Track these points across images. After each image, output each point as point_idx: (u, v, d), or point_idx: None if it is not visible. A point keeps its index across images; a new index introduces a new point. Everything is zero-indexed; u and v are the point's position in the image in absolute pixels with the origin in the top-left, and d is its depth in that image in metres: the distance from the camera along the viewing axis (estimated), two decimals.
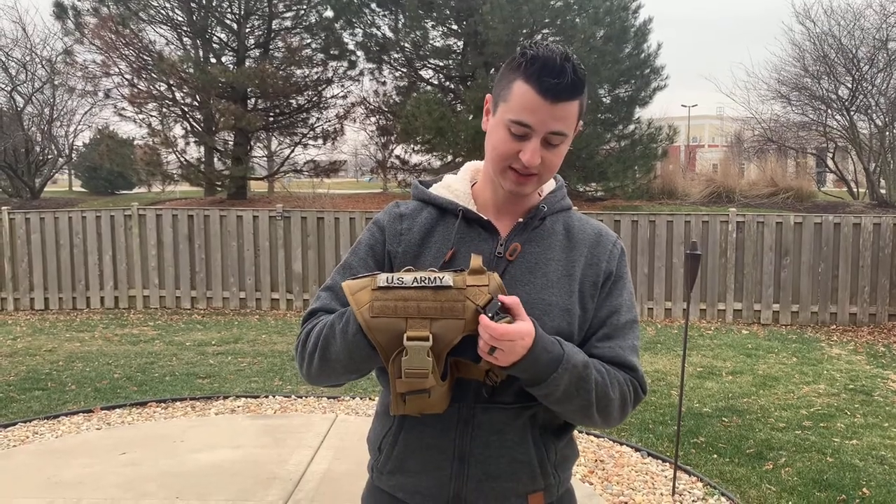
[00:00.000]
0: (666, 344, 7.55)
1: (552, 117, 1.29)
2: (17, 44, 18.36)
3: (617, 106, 15.47)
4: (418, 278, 1.22)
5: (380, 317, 1.21)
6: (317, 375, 1.38)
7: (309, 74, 16.37)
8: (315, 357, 1.34)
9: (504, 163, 1.35)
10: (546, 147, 1.33)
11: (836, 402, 5.59)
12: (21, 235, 9.48)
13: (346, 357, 1.30)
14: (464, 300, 1.21)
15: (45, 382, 5.97)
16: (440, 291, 1.21)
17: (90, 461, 4.18)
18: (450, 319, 1.21)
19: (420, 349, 1.20)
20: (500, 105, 1.35)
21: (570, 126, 1.33)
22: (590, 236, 1.45)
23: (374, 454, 1.49)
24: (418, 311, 1.21)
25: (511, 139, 1.32)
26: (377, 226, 1.47)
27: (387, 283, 1.22)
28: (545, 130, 1.30)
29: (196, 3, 15.89)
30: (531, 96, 1.29)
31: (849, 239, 8.73)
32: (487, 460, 1.36)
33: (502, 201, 1.43)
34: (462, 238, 1.40)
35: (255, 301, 9.60)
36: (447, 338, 1.21)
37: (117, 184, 25.40)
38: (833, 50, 16.03)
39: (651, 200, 15.33)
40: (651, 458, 4.39)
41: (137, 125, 15.97)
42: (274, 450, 4.37)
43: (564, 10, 14.05)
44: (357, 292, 1.24)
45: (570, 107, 1.31)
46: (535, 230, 1.42)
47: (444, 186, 1.48)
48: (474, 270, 1.23)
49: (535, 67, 1.28)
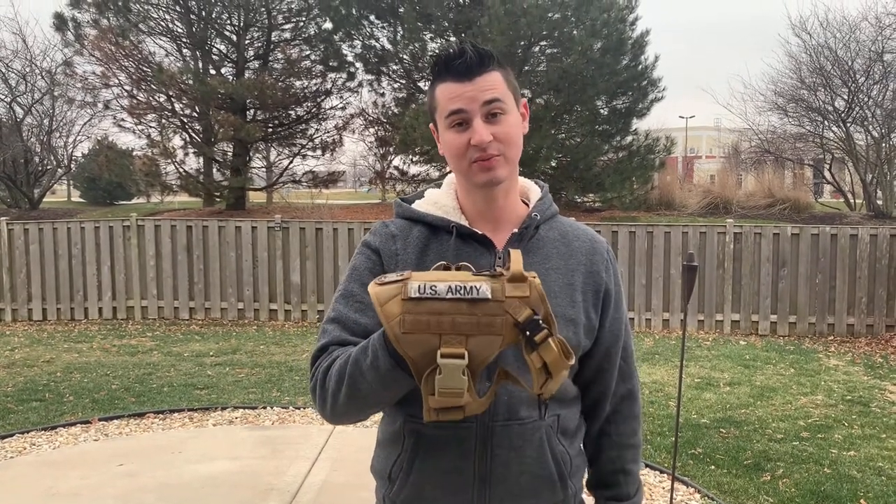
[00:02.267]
0: (664, 355, 7.55)
1: (477, 90, 1.32)
2: (16, 55, 18.44)
3: (614, 117, 15.52)
4: (453, 287, 1.11)
5: (412, 333, 1.11)
6: (343, 413, 1.31)
7: (308, 86, 16.44)
8: (341, 395, 1.26)
9: (463, 160, 1.35)
10: (490, 122, 1.34)
11: (834, 414, 5.59)
12: (20, 246, 9.49)
13: (381, 390, 1.23)
14: (503, 314, 1.11)
15: (42, 393, 5.97)
16: (477, 304, 1.11)
17: (87, 473, 4.18)
18: (487, 336, 1.12)
19: (455, 368, 1.11)
20: (437, 117, 1.39)
21: (502, 93, 1.34)
22: (585, 243, 1.46)
23: (383, 483, 1.45)
24: (453, 326, 1.11)
25: (457, 134, 1.35)
26: (370, 248, 1.43)
27: (419, 294, 1.11)
28: (478, 105, 1.32)
29: (196, 15, 15.97)
30: (451, 86, 1.34)
31: (846, 250, 8.76)
32: (509, 479, 1.34)
33: (488, 208, 1.41)
34: (458, 254, 1.38)
35: (254, 312, 9.60)
36: (483, 354, 1.13)
37: (116, 194, 25.41)
38: (829, 62, 16.13)
39: (649, 211, 15.37)
40: (649, 470, 4.40)
41: (136, 136, 16.02)
42: (272, 461, 4.37)
43: (562, 22, 14.13)
44: (386, 303, 1.13)
45: (489, 77, 1.33)
46: (531, 240, 1.41)
47: (431, 203, 1.46)
48: (514, 277, 1.13)
49: (440, 64, 1.35)
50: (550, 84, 14.46)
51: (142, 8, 15.25)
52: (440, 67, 1.34)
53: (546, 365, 1.13)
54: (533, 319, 1.11)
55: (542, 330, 1.11)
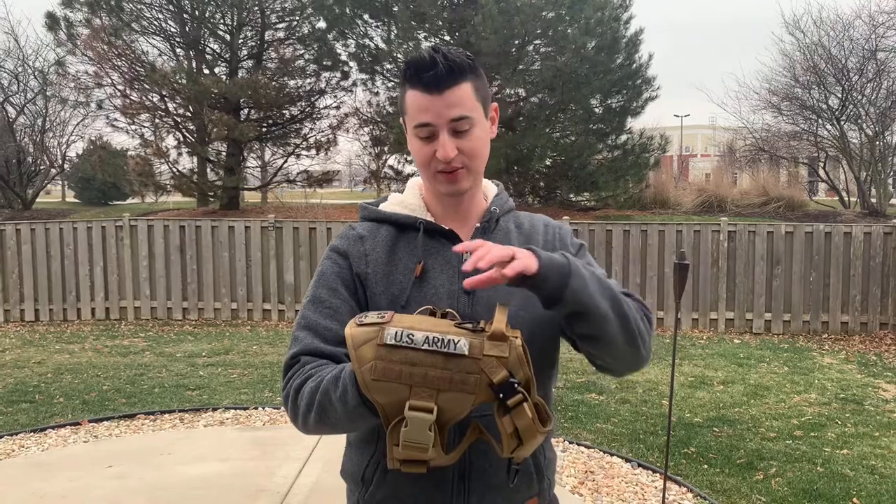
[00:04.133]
0: (658, 353, 7.53)
1: (445, 106, 1.31)
2: (9, 55, 18.37)
3: (609, 116, 15.51)
4: (430, 339, 1.09)
5: (382, 381, 1.09)
6: (315, 432, 1.31)
7: (302, 85, 16.38)
8: (311, 418, 1.26)
9: (428, 169, 1.37)
10: (457, 136, 1.33)
11: (827, 412, 5.59)
12: (11, 246, 9.43)
13: (348, 422, 1.23)
14: (478, 373, 1.08)
15: (32, 395, 5.93)
16: (452, 359, 1.08)
17: (76, 474, 4.14)
18: (459, 392, 1.08)
19: (422, 422, 1.07)
20: (405, 120, 1.39)
21: (470, 108, 1.34)
22: (539, 227, 1.51)
23: (355, 486, 1.44)
24: (425, 379, 1.08)
25: (422, 144, 1.35)
26: (338, 252, 1.44)
27: (395, 341, 1.09)
28: (444, 121, 1.32)
29: (189, 15, 15.90)
30: (420, 97, 1.32)
31: (840, 248, 8.75)
32: (488, 472, 1.34)
33: (453, 208, 1.45)
34: (427, 250, 1.40)
35: (247, 312, 9.57)
36: (454, 411, 1.10)
37: (111, 194, 25.33)
38: (823, 60, 16.14)
39: (643, 210, 15.36)
40: (641, 469, 4.38)
41: (130, 136, 15.94)
42: (262, 462, 4.34)
43: (556, 20, 14.10)
44: (361, 346, 1.10)
45: (458, 91, 1.32)
46: (493, 232, 1.45)
47: (397, 203, 1.48)
48: (495, 335, 1.09)
49: (411, 71, 1.33)
50: (545, 83, 14.44)
51: (134, 7, 15.19)
52: (410, 75, 1.33)
53: (518, 430, 1.10)
54: (508, 382, 1.08)
55: (516, 394, 1.08)
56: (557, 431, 4.91)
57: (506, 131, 15.04)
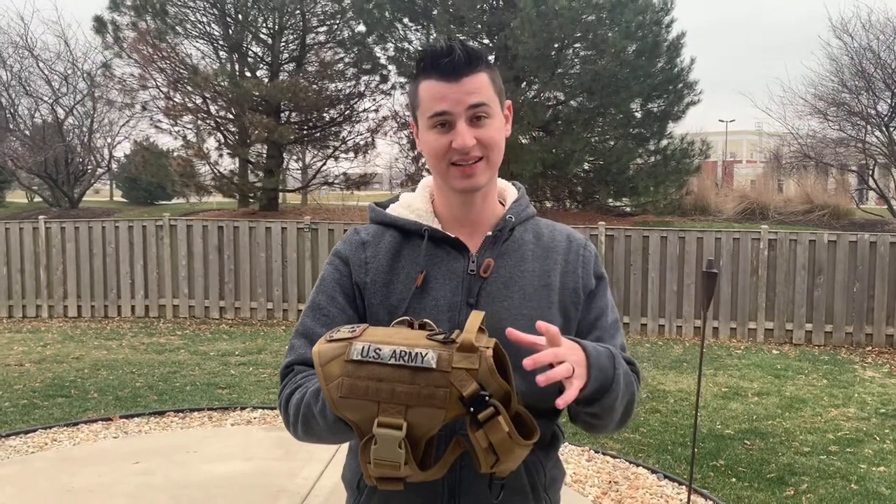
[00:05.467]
0: (692, 363, 7.40)
1: (463, 93, 1.28)
2: (59, 57, 18.89)
3: (649, 121, 15.30)
4: (397, 353, 1.06)
5: (349, 398, 1.07)
6: (305, 441, 1.31)
7: (341, 88, 16.50)
8: (299, 428, 1.27)
9: (443, 161, 1.32)
10: (474, 125, 1.30)
11: (866, 427, 5.41)
12: (56, 244, 9.69)
13: (331, 435, 1.23)
14: (447, 387, 1.04)
15: (68, 390, 6.06)
16: (419, 373, 1.05)
17: (104, 470, 4.22)
18: (428, 408, 1.05)
19: (391, 439, 1.04)
20: (418, 114, 1.35)
21: (487, 96, 1.31)
22: (561, 243, 1.42)
23: (351, 493, 1.43)
24: (392, 395, 1.05)
25: (439, 135, 1.31)
26: (339, 258, 1.41)
27: (361, 357, 1.07)
28: (463, 108, 1.28)
29: (232, 18, 16.16)
30: (435, 85, 1.29)
31: (885, 258, 8.49)
32: (479, 491, 1.30)
33: (464, 212, 1.39)
34: (431, 259, 1.35)
35: (282, 312, 9.67)
36: (424, 427, 1.06)
37: (156, 194, 25.82)
38: (872, 64, 15.69)
39: (683, 216, 15.12)
40: (667, 481, 4.29)
41: (173, 137, 16.25)
42: (285, 462, 4.37)
43: (596, 24, 13.97)
44: (327, 363, 1.08)
45: (476, 79, 1.29)
46: (505, 243, 1.38)
47: (405, 206, 1.43)
48: (464, 347, 1.06)
49: (427, 60, 1.30)
50: (584, 86, 14.32)
51: (179, 11, 15.48)
52: (426, 63, 1.30)
53: (493, 445, 1.06)
54: (479, 395, 1.04)
55: (487, 407, 1.04)
56: (583, 441, 4.85)
57: (543, 135, 14.95)
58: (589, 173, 15.88)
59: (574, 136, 13.94)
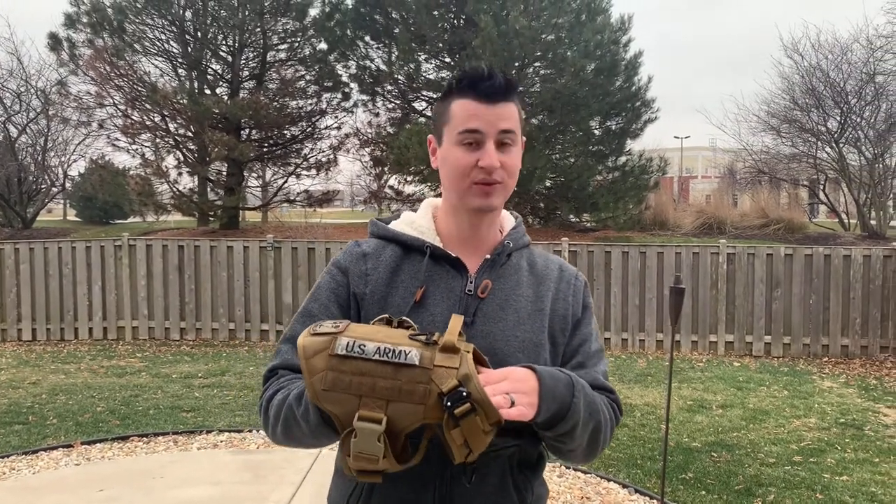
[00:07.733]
0: (657, 377, 7.49)
1: (498, 117, 1.33)
2: (12, 74, 18.47)
3: (608, 138, 15.57)
4: (381, 349, 1.09)
5: (332, 391, 1.09)
6: (285, 445, 1.33)
7: (303, 106, 16.46)
8: (279, 431, 1.28)
9: (466, 179, 1.35)
10: (501, 150, 1.34)
11: (827, 437, 5.53)
12: (10, 266, 9.43)
13: (312, 438, 1.25)
14: (427, 383, 1.08)
15: (26, 416, 5.88)
16: (402, 370, 1.08)
17: (66, 498, 4.10)
18: (408, 403, 1.08)
19: (370, 433, 1.07)
20: (445, 130, 1.38)
21: (516, 126, 1.36)
22: (553, 272, 1.48)
23: None
24: (373, 389, 1.08)
25: (466, 152, 1.34)
26: (338, 268, 1.42)
27: (345, 352, 1.09)
28: (495, 131, 1.33)
29: (191, 36, 16.01)
30: (472, 104, 1.33)
31: (839, 271, 8.73)
32: (468, 500, 1.32)
33: (470, 233, 1.42)
34: (431, 276, 1.38)
35: (245, 332, 9.53)
36: (404, 422, 1.09)
37: (112, 214, 25.37)
38: (821, 83, 16.21)
39: (643, 231, 15.35)
40: (638, 495, 4.33)
41: (131, 155, 15.99)
42: (254, 486, 4.29)
43: (555, 43, 14.19)
44: (312, 357, 1.11)
45: (509, 107, 1.35)
46: (503, 266, 1.42)
47: (406, 223, 1.46)
48: (446, 347, 1.10)
49: (466, 81, 1.35)
50: (544, 105, 14.51)
51: (137, 28, 15.29)
52: (465, 83, 1.34)
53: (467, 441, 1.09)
54: (457, 391, 1.07)
55: (464, 403, 1.07)
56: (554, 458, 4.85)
57: None
58: (550, 190, 16.05)
59: (535, 153, 14.08)
